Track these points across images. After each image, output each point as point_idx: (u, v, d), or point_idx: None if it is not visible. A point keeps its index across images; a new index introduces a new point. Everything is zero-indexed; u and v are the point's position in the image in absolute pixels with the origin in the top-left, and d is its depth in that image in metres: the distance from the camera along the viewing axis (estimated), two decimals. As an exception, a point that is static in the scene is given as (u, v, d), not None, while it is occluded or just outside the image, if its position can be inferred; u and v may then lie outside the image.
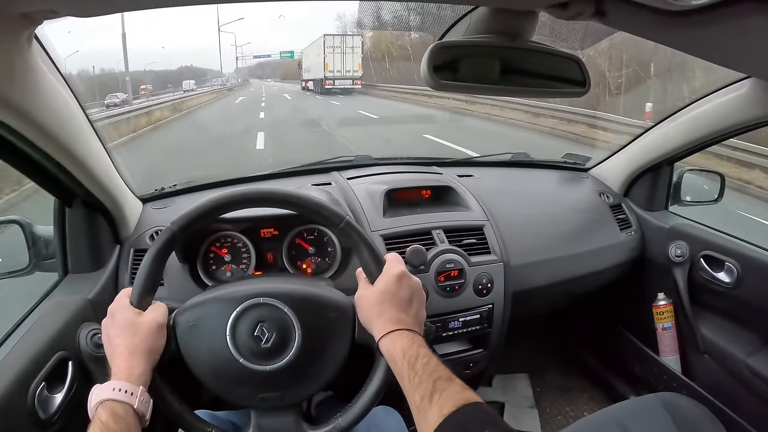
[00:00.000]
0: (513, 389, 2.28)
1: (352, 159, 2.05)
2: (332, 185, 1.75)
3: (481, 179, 1.91)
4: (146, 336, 0.94)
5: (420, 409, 0.81)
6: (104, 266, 1.44)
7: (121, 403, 0.85)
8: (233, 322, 0.99)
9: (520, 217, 1.74)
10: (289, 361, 0.99)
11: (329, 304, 1.05)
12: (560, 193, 2.01)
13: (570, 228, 1.84)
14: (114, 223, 1.46)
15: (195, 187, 1.78)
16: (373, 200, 1.62)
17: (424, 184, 1.76)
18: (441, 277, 1.49)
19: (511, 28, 0.92)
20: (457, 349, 1.63)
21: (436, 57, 0.91)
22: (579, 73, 1.00)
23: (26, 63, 0.90)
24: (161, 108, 19.71)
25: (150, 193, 1.71)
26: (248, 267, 1.47)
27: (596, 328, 2.31)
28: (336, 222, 1.05)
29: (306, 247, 1.49)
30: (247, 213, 1.33)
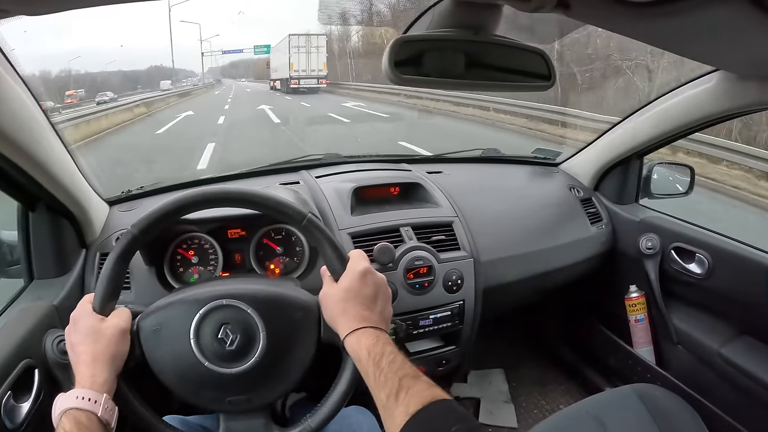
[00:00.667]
0: (488, 384, 2.27)
1: (321, 157, 2.03)
2: (300, 184, 1.73)
3: (451, 175, 1.90)
4: (109, 342, 0.92)
5: (386, 408, 0.80)
6: (70, 271, 1.40)
7: (85, 412, 0.83)
8: (197, 325, 0.97)
9: (490, 213, 1.74)
10: (254, 363, 0.97)
11: (294, 303, 1.03)
12: (530, 188, 2.01)
13: (540, 223, 1.83)
14: (79, 227, 1.43)
15: (162, 189, 1.76)
16: (340, 198, 1.61)
17: (393, 181, 1.75)
18: (410, 274, 1.48)
19: (475, 22, 0.90)
20: (429, 347, 1.62)
21: (398, 52, 0.89)
22: (544, 66, 0.99)
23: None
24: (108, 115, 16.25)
25: (117, 196, 1.67)
26: (216, 268, 1.45)
27: (570, 321, 2.32)
28: (298, 219, 1.03)
29: (274, 247, 1.47)
30: (213, 213, 1.32)
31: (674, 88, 1.61)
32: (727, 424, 1.57)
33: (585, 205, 1.95)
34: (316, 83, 31.47)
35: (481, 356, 2.24)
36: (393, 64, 0.89)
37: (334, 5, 15.53)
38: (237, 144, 11.51)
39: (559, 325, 2.39)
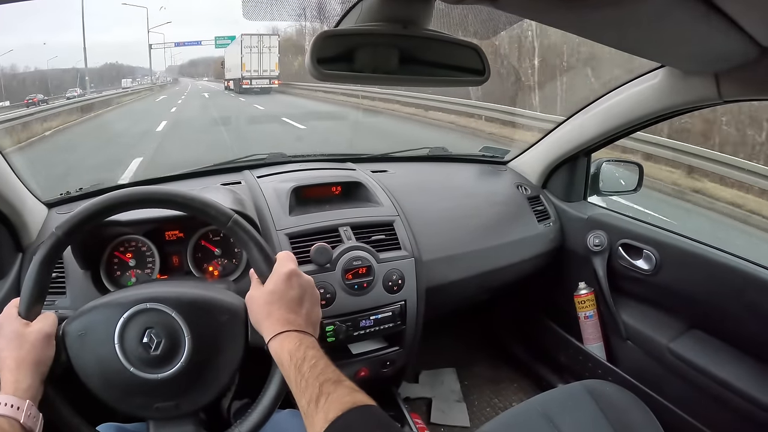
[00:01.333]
0: (440, 384, 2.26)
1: (265, 157, 1.99)
2: (242, 184, 1.69)
3: (396, 174, 1.88)
4: (33, 347, 0.90)
5: (307, 415, 0.79)
6: (5, 276, 1.36)
7: (7, 418, 0.81)
8: (120, 329, 0.94)
9: (434, 212, 1.72)
10: (180, 368, 0.95)
11: (219, 306, 1.01)
12: (477, 186, 2.00)
13: (486, 221, 1.82)
14: (14, 230, 1.38)
15: (101, 190, 1.69)
16: (279, 198, 1.57)
17: (334, 181, 1.73)
18: (348, 275, 1.46)
19: (404, 15, 0.88)
20: (371, 348, 1.60)
21: (322, 47, 0.86)
22: (478, 61, 0.98)
23: None
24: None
25: (56, 198, 1.62)
26: (153, 271, 1.41)
27: (521, 319, 2.32)
28: (223, 221, 1.01)
29: (212, 248, 1.44)
30: (147, 214, 1.29)
31: (620, 85, 1.62)
32: (678, 417, 1.58)
33: (532, 202, 1.94)
34: (268, 83, 31.38)
35: (433, 356, 2.22)
36: (315, 60, 0.87)
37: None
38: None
39: (511, 322, 2.39)
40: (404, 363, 1.65)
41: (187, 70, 76.43)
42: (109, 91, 31.98)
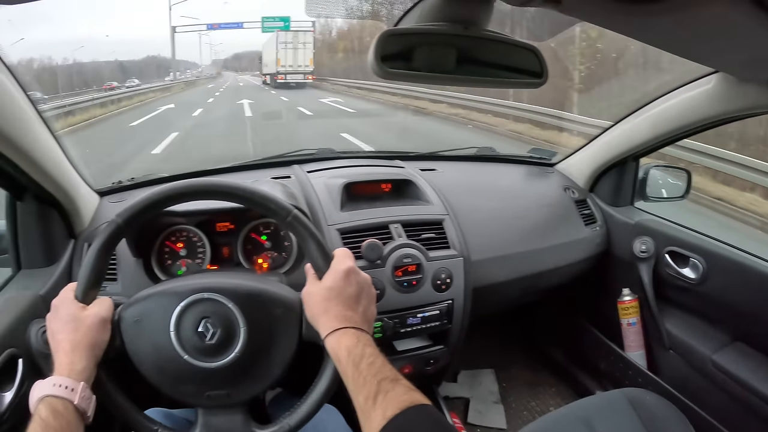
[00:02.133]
0: (479, 384, 2.27)
1: (314, 152, 2.03)
2: (291, 179, 1.72)
3: (444, 173, 1.89)
4: (89, 330, 0.93)
5: (364, 411, 0.80)
6: (58, 261, 1.40)
7: (61, 399, 0.83)
8: (177, 317, 0.97)
9: (482, 212, 1.72)
10: (234, 358, 0.97)
11: (275, 300, 1.02)
12: (525, 187, 2.00)
13: (534, 223, 1.82)
14: (67, 217, 1.42)
15: (153, 181, 1.75)
16: (330, 193, 1.60)
17: (384, 178, 1.74)
18: (398, 272, 1.47)
19: (465, 16, 0.88)
20: (416, 346, 1.61)
21: (385, 45, 0.88)
22: (536, 63, 0.97)
23: None
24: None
25: (107, 187, 1.68)
26: (203, 261, 1.44)
27: (562, 323, 2.31)
28: (283, 215, 1.03)
29: (262, 241, 1.47)
30: (201, 206, 1.32)
31: (672, 90, 1.59)
32: (717, 431, 1.55)
33: (580, 206, 1.93)
34: (302, 78, 31.92)
35: (472, 356, 2.23)
36: (379, 58, 0.88)
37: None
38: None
39: (551, 326, 2.38)
40: (447, 362, 1.66)
41: (230, 64, 77.14)
42: (157, 83, 33.45)
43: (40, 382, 0.86)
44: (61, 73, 31.82)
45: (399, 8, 0.96)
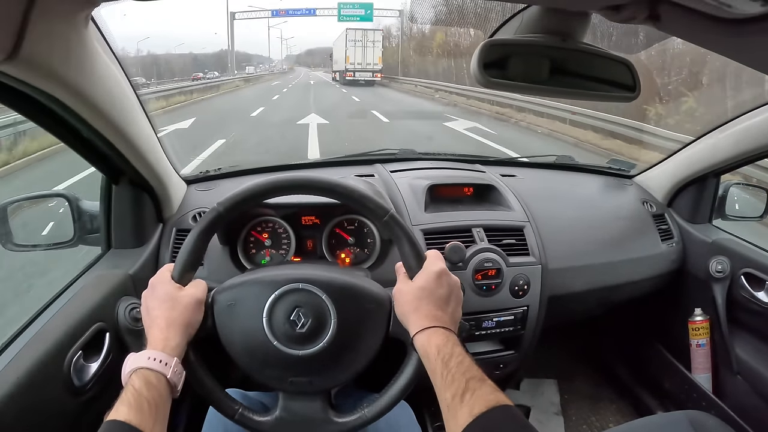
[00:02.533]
0: (540, 394, 2.30)
1: (396, 152, 2.10)
2: (375, 177, 1.79)
3: (524, 180, 1.93)
4: (185, 310, 0.98)
5: (450, 408, 0.84)
6: (146, 243, 1.49)
7: (155, 372, 0.89)
8: (271, 305, 1.02)
9: (561, 221, 1.75)
10: (322, 348, 1.02)
11: (367, 295, 1.07)
12: (603, 198, 2.02)
13: (611, 235, 1.83)
14: (158, 203, 1.52)
15: (239, 172, 1.85)
16: (415, 194, 1.65)
17: (467, 182, 1.79)
18: (478, 275, 1.52)
19: (563, 29, 0.92)
20: (488, 349, 1.65)
21: (487, 54, 0.92)
22: (629, 77, 0.99)
23: (82, 43, 0.95)
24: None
25: (195, 175, 1.78)
26: (287, 253, 1.52)
27: (629, 338, 2.31)
28: (380, 215, 1.07)
29: (345, 237, 1.54)
30: (290, 199, 1.37)
31: (760, 105, 1.58)
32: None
33: (657, 221, 1.93)
34: (370, 76, 32.90)
35: (536, 365, 2.24)
36: (482, 66, 0.91)
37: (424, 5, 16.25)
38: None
39: (618, 341, 2.38)
40: (515, 368, 1.70)
41: (303, 60, 78.07)
42: (229, 76, 35.84)
43: (133, 354, 0.92)
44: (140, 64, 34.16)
45: (494, 18, 0.98)
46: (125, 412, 0.81)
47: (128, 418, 0.80)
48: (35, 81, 0.87)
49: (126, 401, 0.83)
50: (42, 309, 1.21)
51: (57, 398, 1.07)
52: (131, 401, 0.83)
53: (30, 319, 1.17)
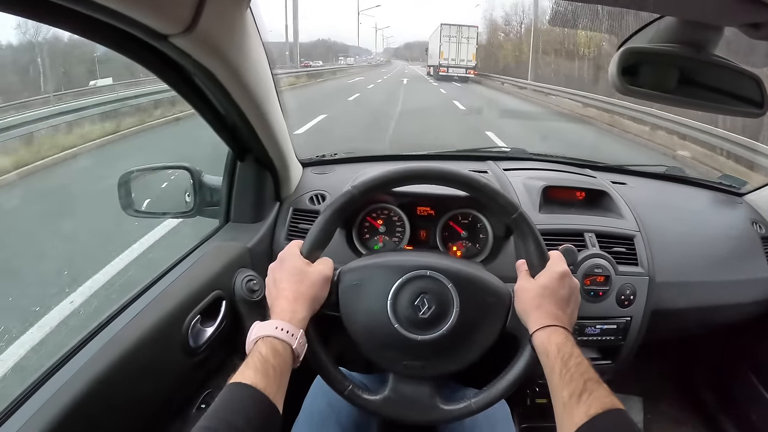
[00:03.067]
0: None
1: (508, 151, 2.17)
2: (489, 174, 1.83)
3: (635, 188, 1.94)
4: (312, 285, 1.06)
5: (566, 406, 0.89)
6: (263, 220, 1.59)
7: (282, 342, 0.94)
8: (397, 289, 1.08)
9: (670, 233, 1.75)
10: (441, 335, 1.07)
11: (490, 288, 1.12)
12: (713, 215, 2.00)
13: (718, 253, 1.81)
14: (278, 182, 1.62)
15: (354, 158, 1.97)
16: (530, 194, 1.69)
17: (580, 186, 1.82)
18: (587, 280, 1.55)
19: (698, 40, 0.95)
20: (586, 356, 1.63)
21: (625, 61, 0.96)
22: (758, 92, 1.00)
23: (244, 26, 1.06)
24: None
25: (310, 159, 1.89)
26: (401, 241, 1.60)
27: (722, 365, 2.28)
28: (510, 212, 1.12)
29: (459, 230, 1.59)
30: (410, 189, 1.43)
31: None
32: None
33: (765, 243, 1.89)
34: (464, 72, 33.01)
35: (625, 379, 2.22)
36: (620, 72, 0.95)
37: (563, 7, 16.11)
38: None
39: (710, 366, 2.35)
40: (609, 379, 1.68)
41: (401, 53, 78.56)
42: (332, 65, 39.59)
43: (259, 323, 0.98)
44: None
45: (630, 24, 1.00)
46: (251, 375, 0.87)
47: (254, 382, 0.85)
48: (202, 56, 0.96)
49: (253, 365, 0.89)
50: (163, 273, 1.31)
51: (173, 356, 1.16)
52: (258, 366, 0.88)
53: (152, 281, 1.27)
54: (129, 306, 1.15)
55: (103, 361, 0.98)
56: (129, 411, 1.04)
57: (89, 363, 0.97)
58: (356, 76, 37.55)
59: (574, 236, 1.59)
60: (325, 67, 38.40)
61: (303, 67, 36.53)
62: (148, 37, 0.83)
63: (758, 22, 0.78)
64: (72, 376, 0.94)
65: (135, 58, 0.93)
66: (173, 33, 0.84)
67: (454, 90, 25.71)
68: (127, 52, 0.90)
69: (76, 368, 0.96)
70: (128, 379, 1.02)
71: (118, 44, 0.86)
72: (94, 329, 1.07)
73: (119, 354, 1.01)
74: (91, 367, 0.97)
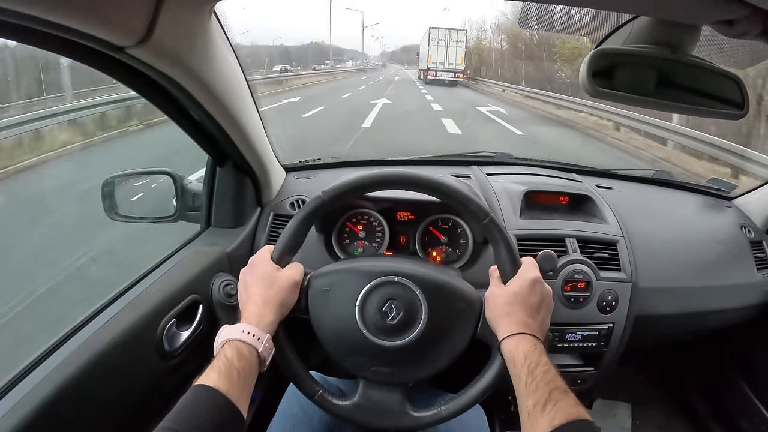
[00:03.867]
0: (612, 416, 2.30)
1: (493, 155, 2.15)
2: (471, 179, 1.84)
3: (621, 193, 1.94)
4: (281, 290, 1.06)
5: (531, 416, 0.87)
6: (244, 225, 1.60)
7: (248, 345, 0.95)
8: (365, 295, 1.08)
9: (656, 238, 1.74)
10: (409, 341, 1.07)
11: (459, 294, 1.11)
12: (700, 219, 1.99)
13: (705, 258, 1.80)
14: (258, 187, 1.62)
15: (338, 163, 1.98)
16: (511, 199, 1.69)
17: (563, 191, 1.81)
18: (567, 286, 1.54)
19: (673, 40, 0.94)
20: (568, 363, 1.67)
21: (596, 63, 0.95)
22: (738, 93, 0.99)
23: (206, 33, 1.05)
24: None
25: (293, 164, 1.89)
26: (380, 246, 1.59)
27: (710, 371, 2.27)
28: (481, 217, 1.12)
29: (439, 235, 1.59)
30: (388, 194, 1.45)
31: None
32: None
33: (754, 247, 1.89)
34: (452, 77, 32.61)
35: (612, 385, 2.21)
36: (591, 75, 0.94)
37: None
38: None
39: (699, 372, 2.35)
40: (592, 385, 1.72)
41: (398, 57, 78.98)
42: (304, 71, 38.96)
43: (228, 326, 0.99)
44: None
45: (603, 26, 1.00)
46: (215, 378, 0.87)
47: (217, 385, 0.86)
48: (161, 65, 0.96)
49: (217, 368, 0.89)
50: (140, 277, 1.31)
51: (147, 360, 1.17)
52: (222, 369, 0.89)
53: (128, 285, 1.27)
54: (104, 309, 1.16)
55: (76, 364, 0.98)
56: (101, 413, 1.05)
57: (62, 365, 0.97)
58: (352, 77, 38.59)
59: (554, 242, 1.58)
60: (291, 74, 35.14)
61: (312, 69, 38.14)
62: (105, 48, 0.83)
63: (731, 19, 0.77)
64: (44, 377, 0.94)
65: (98, 68, 0.93)
66: (128, 45, 0.84)
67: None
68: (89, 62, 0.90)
69: (48, 370, 0.96)
70: (100, 381, 1.03)
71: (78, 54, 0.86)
72: (68, 332, 1.07)
73: (92, 356, 1.01)
74: (64, 369, 0.97)
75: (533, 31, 26.96)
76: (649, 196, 2.07)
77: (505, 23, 35.71)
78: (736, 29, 0.79)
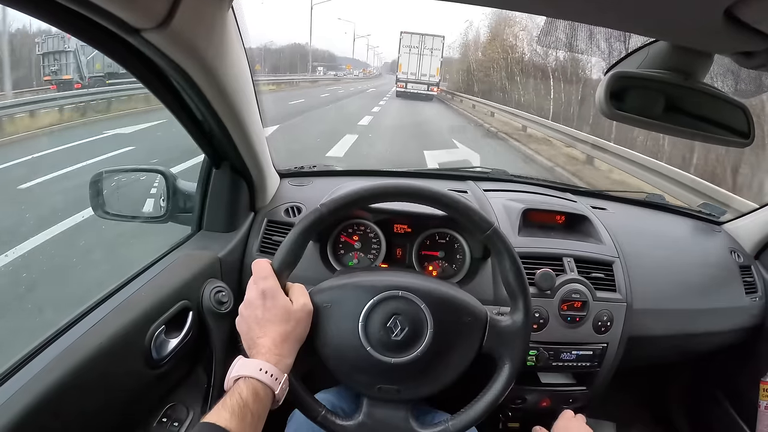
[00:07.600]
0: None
1: (489, 172, 2.18)
2: (468, 194, 1.85)
3: (615, 214, 1.98)
4: (298, 324, 1.04)
5: None
6: (237, 229, 1.58)
7: (264, 385, 0.93)
8: (368, 310, 1.08)
9: (649, 260, 1.78)
10: (415, 357, 1.07)
11: (465, 308, 1.12)
12: (691, 243, 2.04)
13: (696, 281, 1.85)
14: (253, 191, 1.61)
15: (333, 172, 1.98)
16: (509, 216, 1.71)
17: (560, 210, 1.83)
18: (564, 305, 1.56)
19: (687, 67, 0.97)
20: (561, 381, 1.69)
21: (613, 85, 0.96)
22: (744, 122, 1.02)
23: (223, 26, 1.05)
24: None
25: (288, 170, 1.89)
26: (376, 258, 1.60)
27: (695, 392, 2.32)
28: (484, 228, 1.13)
29: (435, 250, 1.60)
30: (387, 206, 1.46)
31: None
32: None
33: (743, 272, 1.94)
34: (426, 90, 29.04)
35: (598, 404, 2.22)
36: (608, 97, 0.95)
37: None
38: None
39: (683, 393, 2.40)
40: (584, 404, 1.74)
41: (390, 66, 79.04)
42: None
43: (243, 360, 0.97)
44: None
45: (617, 48, 1.00)
46: (227, 418, 0.85)
47: (229, 426, 0.83)
48: (175, 54, 0.95)
49: (230, 408, 0.87)
50: (129, 280, 1.29)
51: (134, 368, 1.14)
52: (235, 409, 0.86)
53: (115, 288, 1.24)
54: (89, 313, 1.12)
55: (58, 371, 0.95)
56: (84, 423, 1.01)
57: (43, 372, 0.94)
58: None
59: (552, 260, 1.61)
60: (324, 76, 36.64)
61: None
62: (119, 29, 0.81)
63: (750, 51, 0.78)
64: (24, 384, 0.91)
65: (106, 52, 0.91)
66: (146, 27, 0.82)
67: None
68: (98, 45, 0.87)
69: (28, 377, 0.93)
70: (84, 389, 0.99)
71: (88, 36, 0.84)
72: (51, 336, 1.04)
73: (75, 363, 0.98)
74: (46, 376, 0.94)
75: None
76: (642, 219, 2.12)
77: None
78: (754, 61, 0.80)
